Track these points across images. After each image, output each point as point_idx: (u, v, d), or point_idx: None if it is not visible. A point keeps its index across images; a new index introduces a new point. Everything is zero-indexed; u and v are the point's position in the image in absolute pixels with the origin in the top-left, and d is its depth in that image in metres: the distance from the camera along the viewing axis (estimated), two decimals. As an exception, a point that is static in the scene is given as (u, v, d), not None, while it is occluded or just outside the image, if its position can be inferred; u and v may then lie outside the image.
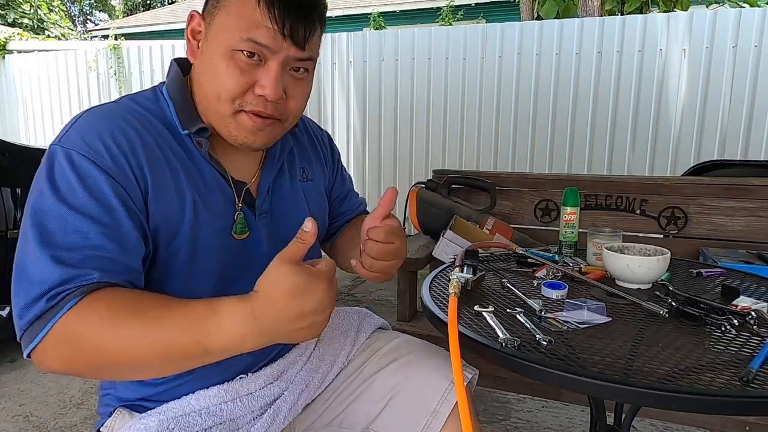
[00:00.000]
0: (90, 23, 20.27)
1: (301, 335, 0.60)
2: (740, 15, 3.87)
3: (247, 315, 0.58)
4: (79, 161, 0.65)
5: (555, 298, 0.98)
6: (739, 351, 0.76)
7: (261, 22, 0.69)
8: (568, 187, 1.31)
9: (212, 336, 0.58)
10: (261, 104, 0.72)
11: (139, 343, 0.59)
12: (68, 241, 0.62)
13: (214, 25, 0.72)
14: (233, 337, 0.58)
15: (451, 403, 0.84)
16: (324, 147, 1.02)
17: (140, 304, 0.61)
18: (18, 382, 2.21)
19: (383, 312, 3.02)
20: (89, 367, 0.62)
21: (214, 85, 0.72)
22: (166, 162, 0.72)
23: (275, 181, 0.86)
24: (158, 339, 0.59)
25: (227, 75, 0.70)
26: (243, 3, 0.70)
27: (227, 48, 0.70)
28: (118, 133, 0.69)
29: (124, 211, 0.66)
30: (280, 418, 0.85)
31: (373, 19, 8.90)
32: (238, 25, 0.69)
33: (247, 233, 0.80)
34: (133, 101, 0.76)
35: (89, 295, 0.60)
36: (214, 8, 0.73)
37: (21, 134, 6.04)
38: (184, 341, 0.58)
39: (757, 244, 1.70)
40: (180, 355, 0.59)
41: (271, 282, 0.58)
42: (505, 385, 1.50)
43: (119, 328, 0.59)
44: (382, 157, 4.77)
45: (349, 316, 1.03)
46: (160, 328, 0.59)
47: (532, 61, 4.30)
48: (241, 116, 0.73)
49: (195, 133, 0.75)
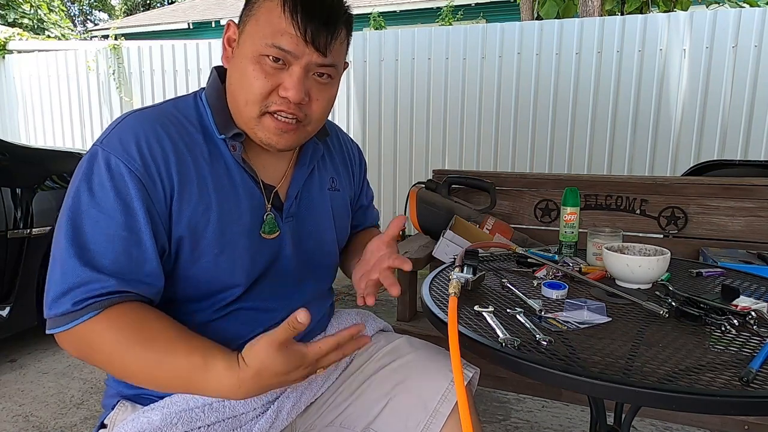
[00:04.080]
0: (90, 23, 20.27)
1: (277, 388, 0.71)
2: (740, 15, 3.87)
3: (233, 384, 0.66)
4: (115, 165, 0.71)
5: (555, 298, 0.98)
6: (739, 351, 0.76)
7: (285, 29, 0.74)
8: (568, 187, 1.31)
9: (197, 388, 0.68)
10: (284, 105, 0.77)
11: (140, 370, 0.69)
12: (96, 242, 0.69)
13: (245, 32, 0.78)
14: (215, 395, 0.69)
15: (451, 403, 0.84)
16: (353, 159, 1.06)
17: (149, 334, 0.69)
18: (18, 382, 2.21)
19: (383, 312, 3.02)
20: (97, 366, 0.72)
21: (242, 88, 0.77)
22: (196, 169, 0.77)
23: (305, 186, 0.90)
24: (155, 372, 0.68)
25: (254, 78, 0.75)
26: (269, 11, 0.75)
27: (255, 53, 0.75)
28: (153, 140, 0.74)
29: (146, 217, 0.72)
30: (283, 416, 0.85)
31: (373, 19, 8.91)
32: (265, 32, 0.75)
33: (277, 233, 0.85)
34: (175, 107, 0.81)
35: (107, 310, 0.68)
36: (246, 17, 0.78)
37: (21, 134, 6.04)
38: (174, 382, 0.69)
39: (757, 244, 1.70)
40: (167, 387, 0.71)
41: (261, 361, 0.65)
42: (505, 385, 1.50)
43: (125, 354, 0.68)
44: (382, 157, 4.77)
45: (352, 318, 1.04)
46: (159, 366, 0.68)
47: (532, 61, 4.30)
48: (266, 118, 0.78)
49: (230, 138, 0.80)
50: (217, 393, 0.68)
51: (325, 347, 0.69)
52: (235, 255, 0.79)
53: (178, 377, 0.68)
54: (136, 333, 0.68)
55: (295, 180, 0.89)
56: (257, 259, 0.82)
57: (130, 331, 0.68)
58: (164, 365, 0.68)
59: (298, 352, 0.67)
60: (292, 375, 0.67)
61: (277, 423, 0.85)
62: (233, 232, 0.79)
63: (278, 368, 0.65)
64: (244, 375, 0.66)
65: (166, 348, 0.68)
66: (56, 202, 2.38)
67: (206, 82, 0.86)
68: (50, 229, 2.33)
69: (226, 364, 0.67)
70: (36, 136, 5.99)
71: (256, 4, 0.77)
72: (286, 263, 0.85)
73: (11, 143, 2.42)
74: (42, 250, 2.34)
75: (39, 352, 2.51)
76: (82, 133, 5.80)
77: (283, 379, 0.67)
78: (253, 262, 0.82)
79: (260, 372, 0.65)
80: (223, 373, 0.66)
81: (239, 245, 0.80)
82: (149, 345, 0.68)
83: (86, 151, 0.77)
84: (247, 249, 0.81)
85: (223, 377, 0.66)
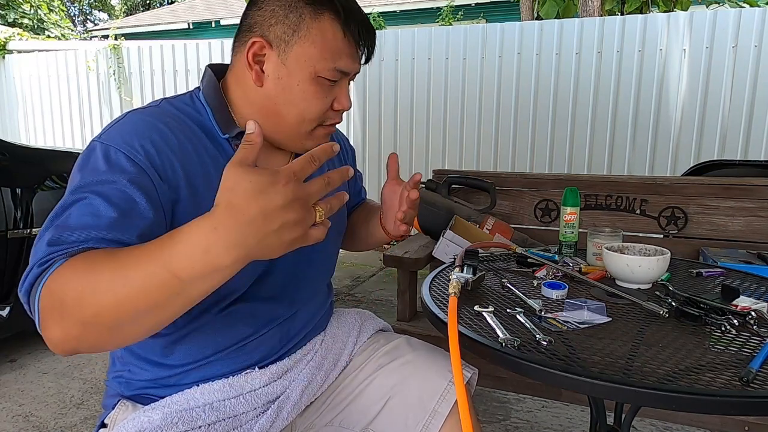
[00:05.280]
0: (90, 23, 20.27)
1: (277, 242, 0.54)
2: (740, 15, 3.87)
3: (207, 227, 0.52)
4: (114, 155, 0.68)
5: (555, 298, 0.98)
6: (739, 351, 0.76)
7: (347, 50, 0.78)
8: (568, 187, 1.30)
9: (176, 257, 0.53)
10: (338, 117, 0.83)
11: (113, 286, 0.55)
12: (81, 222, 0.62)
13: (294, 53, 0.77)
14: (198, 252, 0.52)
15: (450, 403, 0.84)
16: (344, 150, 1.08)
17: (113, 252, 0.59)
18: (18, 382, 2.21)
19: (383, 312, 3.02)
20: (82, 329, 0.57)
21: (298, 108, 0.79)
22: (200, 164, 0.76)
23: None
24: (128, 276, 0.55)
25: (314, 98, 0.78)
26: (325, 32, 0.76)
27: (313, 74, 0.77)
28: (156, 137, 0.72)
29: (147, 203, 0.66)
30: (283, 415, 0.85)
31: (372, 19, 8.90)
32: (324, 55, 0.76)
33: None
34: (172, 105, 0.80)
35: (73, 256, 0.59)
36: (290, 37, 0.77)
37: (21, 134, 6.04)
38: (152, 270, 0.54)
39: (757, 244, 1.70)
40: (155, 287, 0.54)
41: (228, 188, 0.52)
42: (505, 385, 1.50)
43: (92, 275, 0.56)
44: (382, 157, 4.77)
45: (352, 317, 1.04)
46: (128, 266, 0.55)
47: (532, 61, 4.30)
48: (318, 130, 0.82)
49: (234, 137, 0.80)
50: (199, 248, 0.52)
51: (299, 162, 0.56)
52: None
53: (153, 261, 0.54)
54: (100, 255, 0.59)
55: None
56: None
57: (94, 256, 0.59)
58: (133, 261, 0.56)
59: (265, 169, 0.53)
60: (272, 197, 0.51)
61: (278, 422, 0.85)
62: None
63: (246, 185, 0.51)
64: (216, 211, 0.52)
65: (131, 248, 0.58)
66: (56, 202, 2.36)
67: (200, 80, 0.85)
68: (50, 229, 2.33)
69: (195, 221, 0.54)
70: (36, 136, 5.99)
71: (303, 24, 0.76)
72: (285, 263, 0.85)
73: (11, 143, 2.42)
74: (42, 250, 2.34)
75: (39, 352, 2.51)
76: (82, 133, 5.80)
77: (264, 204, 0.51)
78: (255, 262, 0.81)
79: (230, 199, 0.52)
80: (193, 225, 0.53)
81: None
82: (113, 255, 0.58)
83: (85, 150, 0.76)
84: None
85: (194, 227, 0.53)
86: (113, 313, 0.55)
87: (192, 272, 0.53)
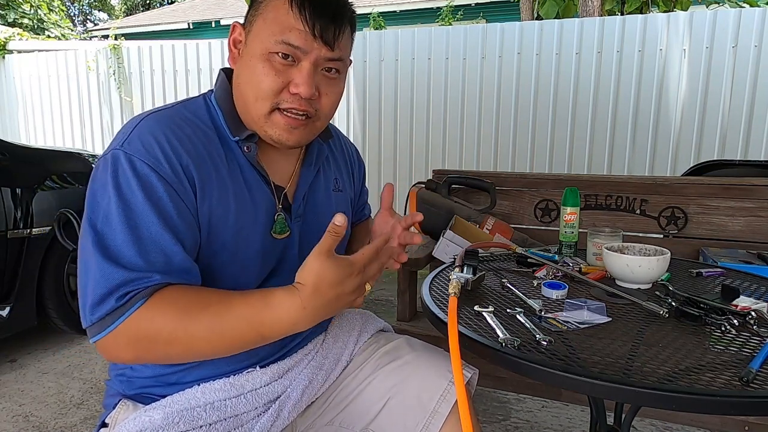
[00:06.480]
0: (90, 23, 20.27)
1: (336, 310, 0.68)
2: (740, 15, 3.86)
3: (298, 307, 0.65)
4: (141, 168, 0.71)
5: (555, 298, 0.98)
6: (739, 351, 0.76)
7: (293, 24, 0.75)
8: (568, 187, 1.31)
9: (270, 327, 0.67)
10: (296, 102, 0.78)
11: (207, 336, 0.66)
12: (128, 244, 0.68)
13: (252, 32, 0.79)
14: (288, 326, 0.67)
15: (450, 403, 0.84)
16: (352, 160, 1.08)
17: (203, 299, 0.68)
18: (18, 382, 2.21)
19: (383, 312, 3.02)
20: (158, 358, 0.70)
21: (252, 86, 0.78)
22: (214, 168, 0.77)
23: (311, 187, 0.92)
24: (224, 330, 0.66)
25: (264, 75, 0.76)
26: (277, 9, 0.76)
27: (264, 51, 0.76)
28: (175, 141, 0.74)
29: (177, 216, 0.71)
30: (284, 415, 0.85)
31: (373, 19, 8.91)
32: (273, 30, 0.76)
33: (287, 233, 0.86)
34: (187, 109, 0.81)
35: (154, 295, 0.67)
36: (252, 17, 0.79)
37: (21, 134, 6.03)
38: (246, 331, 0.67)
39: (757, 244, 1.70)
40: (241, 342, 0.68)
41: (315, 274, 0.64)
42: (505, 385, 1.50)
43: (188, 324, 0.66)
44: (382, 157, 4.76)
45: (353, 317, 1.04)
46: (224, 322, 0.66)
47: (532, 61, 4.30)
48: (275, 115, 0.79)
49: (244, 140, 0.80)
50: (288, 322, 0.66)
51: (368, 252, 0.68)
52: (248, 255, 0.80)
53: (247, 323, 0.66)
54: (191, 302, 0.68)
55: (302, 181, 0.90)
56: (267, 259, 0.84)
57: (185, 302, 0.67)
58: (229, 319, 0.66)
59: (344, 260, 0.66)
60: (347, 285, 0.66)
61: (278, 422, 0.85)
62: (249, 232, 0.80)
63: (332, 277, 0.64)
64: (304, 293, 0.65)
65: (223, 303, 0.67)
66: (56, 202, 2.38)
67: (214, 84, 0.87)
68: (50, 229, 2.33)
69: (285, 292, 0.66)
70: (36, 136, 5.98)
71: (262, 4, 0.78)
72: (291, 263, 0.86)
73: (11, 143, 2.42)
74: (42, 250, 2.34)
75: (39, 352, 2.51)
76: (82, 133, 5.80)
77: (340, 290, 0.65)
78: (264, 262, 0.83)
79: (317, 285, 0.64)
80: (285, 301, 0.66)
81: (253, 245, 0.81)
82: (207, 307, 0.67)
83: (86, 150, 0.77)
84: (260, 249, 0.82)
85: (286, 304, 0.65)
86: (195, 354, 0.69)
87: (277, 336, 0.69)
